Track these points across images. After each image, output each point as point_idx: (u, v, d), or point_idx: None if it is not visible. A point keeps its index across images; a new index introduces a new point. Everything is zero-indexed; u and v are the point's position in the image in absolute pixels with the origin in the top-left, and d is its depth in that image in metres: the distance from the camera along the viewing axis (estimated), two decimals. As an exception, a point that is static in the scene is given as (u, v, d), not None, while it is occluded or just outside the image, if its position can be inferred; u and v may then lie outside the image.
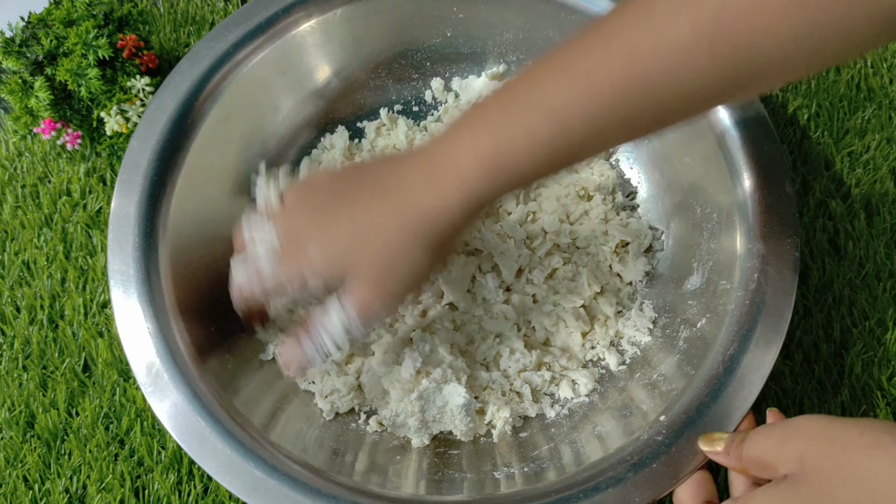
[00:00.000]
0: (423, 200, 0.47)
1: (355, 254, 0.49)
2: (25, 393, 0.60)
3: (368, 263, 0.49)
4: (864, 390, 0.60)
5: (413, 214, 0.48)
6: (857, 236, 0.65)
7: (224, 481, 0.49)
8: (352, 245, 0.49)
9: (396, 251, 0.48)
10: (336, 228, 0.49)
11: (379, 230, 0.48)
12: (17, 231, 0.66)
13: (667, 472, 0.49)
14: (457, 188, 0.46)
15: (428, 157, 0.48)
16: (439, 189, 0.47)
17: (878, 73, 0.71)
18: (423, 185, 0.47)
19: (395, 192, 0.48)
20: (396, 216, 0.48)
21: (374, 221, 0.48)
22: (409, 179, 0.48)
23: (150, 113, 0.59)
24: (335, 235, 0.49)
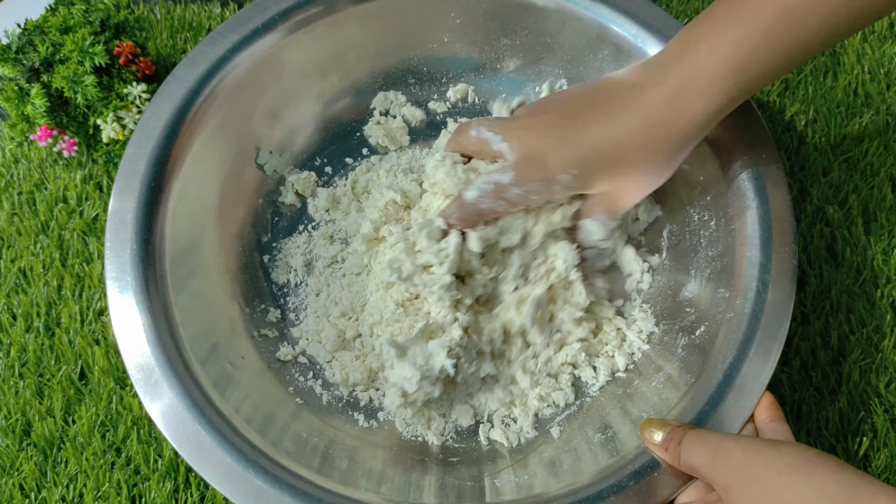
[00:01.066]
0: (666, 116, 0.49)
1: (601, 175, 0.53)
2: (22, 401, 0.60)
3: (611, 178, 0.53)
4: (862, 397, 0.60)
5: (655, 132, 0.50)
6: (854, 243, 0.65)
7: (225, 491, 0.48)
8: (594, 161, 0.52)
9: (633, 167, 0.52)
10: (576, 146, 0.52)
11: (624, 151, 0.51)
12: (14, 238, 0.66)
13: (667, 480, 0.49)
14: (698, 99, 0.49)
15: (664, 71, 0.50)
16: (681, 103, 0.49)
17: (875, 78, 0.71)
18: (663, 100, 0.49)
19: (635, 111, 0.51)
20: (637, 134, 0.50)
21: (616, 138, 0.51)
22: (647, 96, 0.50)
23: (145, 119, 0.59)
24: (576, 151, 0.52)
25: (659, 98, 0.50)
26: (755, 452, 0.44)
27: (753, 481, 0.43)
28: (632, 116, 0.51)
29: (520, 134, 0.55)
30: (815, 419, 0.59)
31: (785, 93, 0.71)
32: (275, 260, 0.65)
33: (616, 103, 0.52)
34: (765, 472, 0.43)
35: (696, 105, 0.49)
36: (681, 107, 0.49)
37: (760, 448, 0.44)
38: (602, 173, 0.53)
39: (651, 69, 0.52)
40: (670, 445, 0.48)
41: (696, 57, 0.48)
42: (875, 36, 0.73)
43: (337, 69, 0.67)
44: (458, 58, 0.69)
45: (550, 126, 0.54)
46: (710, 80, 0.48)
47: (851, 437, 0.59)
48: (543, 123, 0.54)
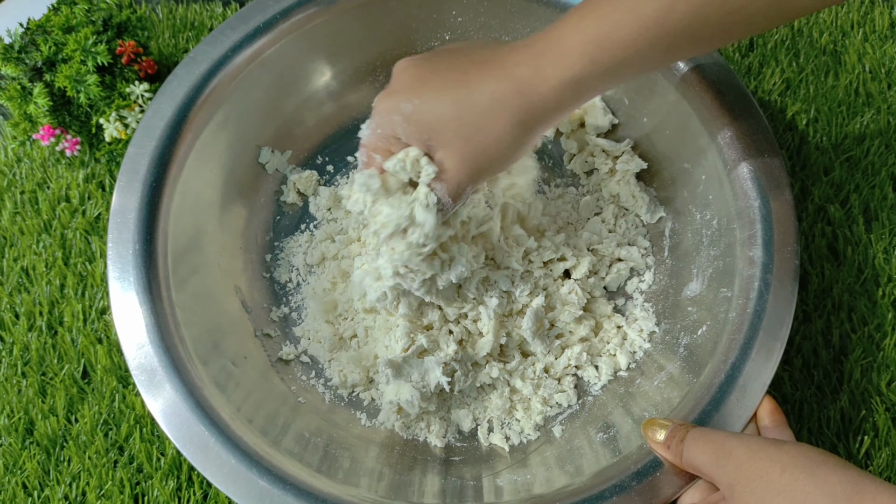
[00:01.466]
0: (520, 73, 0.48)
1: (443, 117, 0.50)
2: (24, 399, 0.60)
3: (455, 129, 0.50)
4: (864, 395, 0.60)
5: (508, 86, 0.48)
6: (855, 242, 0.65)
7: (228, 491, 0.48)
8: (442, 108, 0.50)
9: (486, 120, 0.49)
10: (430, 90, 0.50)
11: (470, 97, 0.49)
12: (16, 237, 0.66)
13: (670, 479, 0.49)
14: (555, 63, 0.48)
15: (533, 38, 0.50)
16: (538, 63, 0.48)
17: (876, 78, 0.71)
18: (524, 60, 0.49)
19: (494, 65, 0.49)
20: (490, 86, 0.49)
21: (468, 89, 0.49)
22: (511, 56, 0.49)
23: (147, 119, 0.59)
24: (427, 95, 0.50)
25: (521, 58, 0.49)
26: (758, 451, 0.44)
27: (757, 480, 0.43)
28: (493, 76, 0.49)
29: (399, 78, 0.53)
30: (816, 418, 0.59)
31: (786, 92, 0.71)
32: (277, 259, 0.65)
33: (479, 62, 0.50)
34: (768, 470, 0.43)
35: (551, 70, 0.48)
36: (537, 68, 0.48)
37: (763, 446, 0.44)
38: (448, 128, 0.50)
39: (526, 43, 0.50)
40: (673, 444, 0.49)
41: (563, 28, 0.48)
42: (876, 35, 0.73)
43: (338, 67, 0.67)
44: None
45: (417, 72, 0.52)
46: (569, 48, 0.47)
47: (853, 435, 0.59)
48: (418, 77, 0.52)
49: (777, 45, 0.73)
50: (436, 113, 0.50)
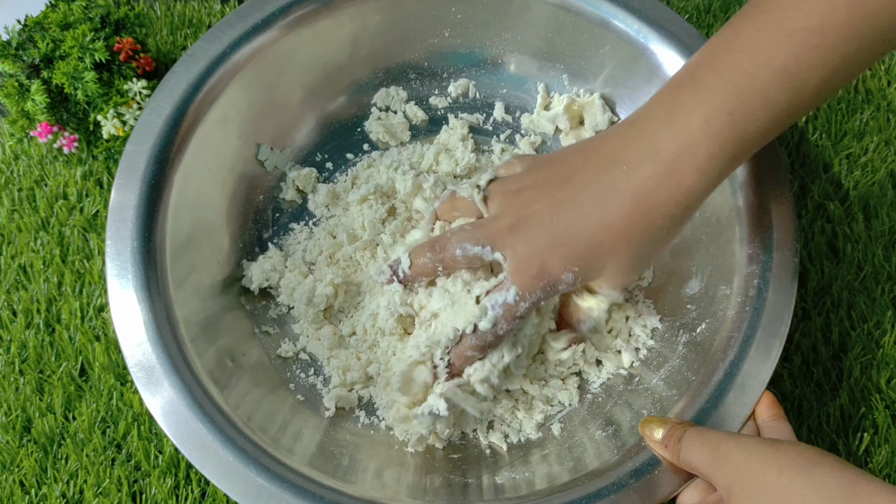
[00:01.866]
0: (661, 196, 0.47)
1: (603, 262, 0.50)
2: (22, 397, 0.60)
3: (619, 270, 0.51)
4: (863, 393, 0.60)
5: (653, 213, 0.48)
6: (855, 239, 0.65)
7: (226, 489, 0.48)
8: (594, 254, 0.50)
9: (644, 249, 0.50)
10: (572, 243, 0.50)
11: (624, 234, 0.49)
12: (14, 234, 0.66)
13: (668, 478, 0.49)
14: (697, 176, 0.46)
15: (653, 144, 0.47)
16: (678, 181, 0.47)
17: (875, 75, 0.71)
18: (658, 181, 0.47)
19: (628, 193, 0.48)
20: (635, 217, 0.48)
21: (613, 226, 0.49)
22: (639, 176, 0.48)
23: (145, 116, 0.58)
24: (574, 249, 0.50)
25: (653, 177, 0.47)
26: (754, 452, 0.44)
27: (754, 481, 0.43)
28: (625, 200, 0.48)
29: (508, 241, 0.52)
30: (816, 415, 0.59)
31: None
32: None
33: (605, 185, 0.49)
34: (765, 471, 0.43)
35: (692, 179, 0.47)
36: (676, 183, 0.47)
37: (760, 447, 0.44)
38: (604, 262, 0.50)
39: (637, 139, 0.48)
40: (670, 443, 0.48)
41: (687, 129, 0.46)
42: (876, 32, 0.73)
43: (337, 64, 0.67)
44: (458, 53, 0.69)
45: (539, 224, 0.51)
46: (706, 155, 0.46)
47: (852, 433, 0.59)
48: (531, 221, 0.51)
49: (776, 42, 0.73)
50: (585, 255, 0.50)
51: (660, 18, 0.63)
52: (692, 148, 0.46)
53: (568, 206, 0.50)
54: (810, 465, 0.42)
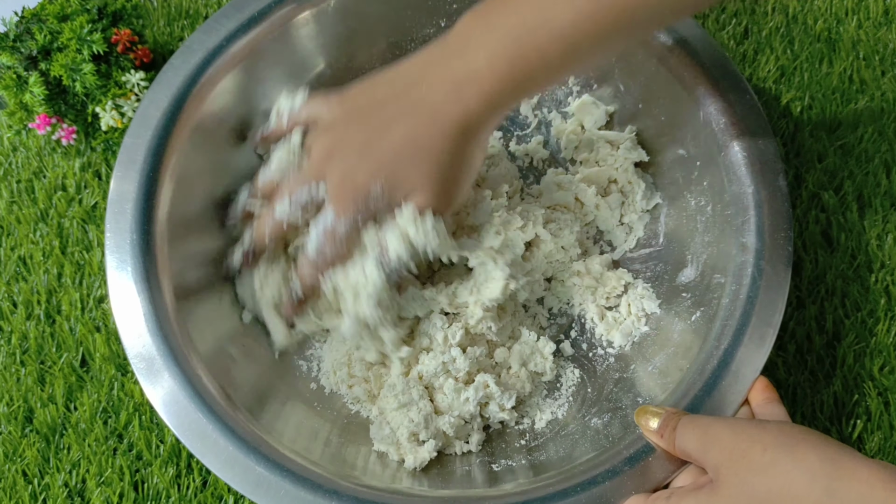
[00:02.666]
0: (451, 113, 0.52)
1: (408, 171, 0.54)
2: (23, 388, 0.60)
3: (424, 176, 0.54)
4: (856, 380, 0.60)
5: (447, 126, 0.52)
6: (849, 228, 0.65)
7: (226, 478, 0.49)
8: (401, 164, 0.54)
9: (444, 158, 0.53)
10: (378, 154, 0.54)
11: (423, 144, 0.53)
12: (13, 226, 0.66)
13: (661, 464, 0.50)
14: (478, 98, 0.51)
15: (448, 66, 0.52)
16: (462, 101, 0.51)
17: (870, 65, 0.72)
18: (448, 98, 0.52)
19: (423, 107, 0.53)
20: (433, 130, 0.52)
21: (415, 137, 0.53)
22: (433, 96, 0.52)
23: (143, 109, 0.58)
24: (379, 159, 0.54)
25: (446, 97, 0.52)
26: (741, 432, 0.45)
27: (740, 459, 0.44)
28: (423, 116, 0.53)
29: (326, 168, 0.56)
30: (810, 402, 0.60)
31: (781, 79, 0.71)
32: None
33: (407, 103, 0.53)
34: (750, 450, 0.43)
35: (476, 105, 0.51)
36: (464, 105, 0.51)
37: (746, 427, 0.45)
38: (408, 172, 0.54)
39: (435, 65, 0.53)
40: (666, 432, 0.49)
41: (474, 64, 0.51)
42: (870, 22, 0.73)
43: (333, 55, 0.67)
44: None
45: (350, 146, 0.55)
46: (487, 88, 0.51)
47: (846, 419, 0.59)
48: (344, 146, 0.55)
49: (772, 33, 0.73)
50: (395, 169, 0.54)
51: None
52: (476, 79, 0.51)
53: (376, 127, 0.54)
54: (794, 441, 0.43)
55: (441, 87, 0.52)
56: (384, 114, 0.54)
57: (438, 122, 0.52)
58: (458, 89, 0.51)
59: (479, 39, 0.51)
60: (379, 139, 0.54)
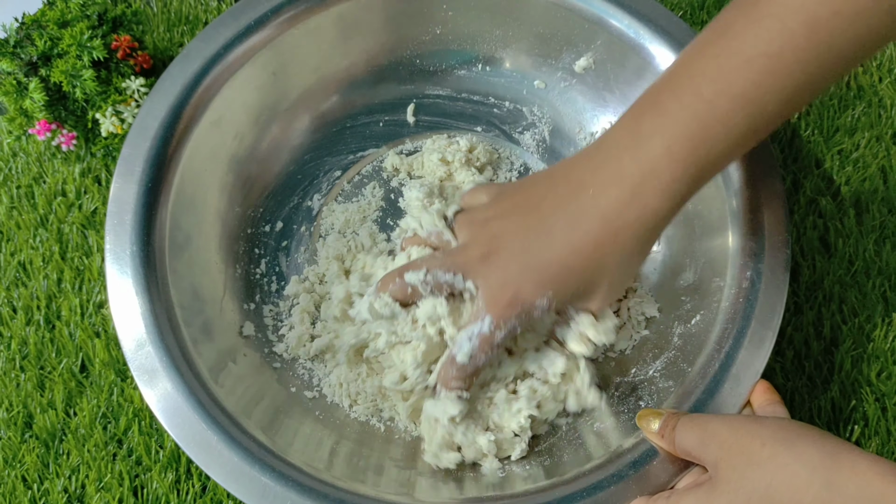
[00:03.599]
0: (628, 218, 0.48)
1: (578, 286, 0.51)
2: (23, 393, 0.60)
3: (596, 288, 0.52)
4: (854, 386, 0.61)
5: (621, 235, 0.49)
6: (846, 234, 0.65)
7: (232, 488, 0.49)
8: (566, 277, 0.51)
9: (616, 267, 0.51)
10: (543, 269, 0.51)
11: (593, 255, 0.50)
12: (13, 232, 0.66)
13: (665, 468, 0.50)
14: (660, 199, 0.48)
15: (618, 170, 0.49)
16: (643, 204, 0.48)
17: (867, 71, 0.72)
18: (624, 204, 0.48)
19: (595, 217, 0.49)
20: (603, 240, 0.49)
21: (582, 250, 0.50)
22: (605, 200, 0.49)
23: (141, 118, 0.59)
24: (545, 274, 0.51)
25: (618, 202, 0.48)
26: (739, 428, 0.45)
27: (739, 455, 0.44)
28: (594, 223, 0.49)
29: (480, 270, 0.52)
30: (807, 408, 0.60)
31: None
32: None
33: (573, 209, 0.50)
34: (749, 445, 0.44)
35: (656, 202, 0.48)
36: (642, 206, 0.48)
37: (744, 423, 0.46)
38: (577, 285, 0.51)
39: (603, 165, 0.50)
40: (666, 432, 0.49)
41: (650, 154, 0.47)
42: (867, 28, 0.74)
43: (330, 63, 0.68)
44: (450, 50, 0.70)
45: (510, 252, 0.51)
46: (668, 178, 0.47)
47: (843, 425, 0.60)
48: (501, 250, 0.52)
49: (769, 39, 0.73)
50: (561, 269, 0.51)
51: (651, 14, 0.63)
52: (655, 172, 0.47)
53: (538, 233, 0.51)
54: (793, 436, 0.43)
55: (613, 188, 0.48)
56: (549, 220, 0.51)
57: (612, 229, 0.49)
58: (634, 188, 0.48)
59: (651, 126, 0.47)
60: (541, 248, 0.50)
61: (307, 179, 0.67)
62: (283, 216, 0.66)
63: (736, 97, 0.45)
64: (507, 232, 0.52)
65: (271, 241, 0.65)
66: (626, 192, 0.48)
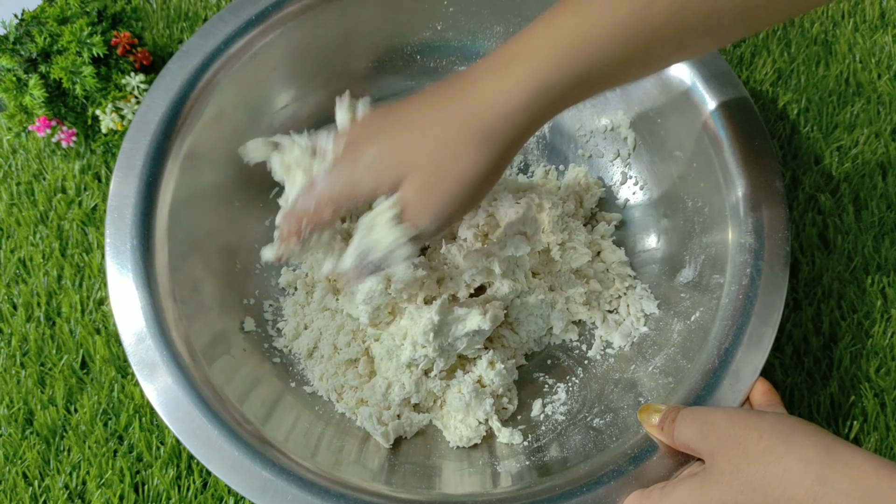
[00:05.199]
0: (486, 91, 0.44)
1: (410, 156, 0.45)
2: (24, 390, 0.60)
3: (422, 166, 0.45)
4: (853, 382, 0.61)
5: (474, 108, 0.44)
6: (845, 230, 0.65)
7: (233, 483, 0.49)
8: (409, 147, 0.45)
9: (450, 150, 0.45)
10: (397, 132, 0.46)
11: (436, 128, 0.45)
12: (13, 228, 0.66)
13: (665, 462, 0.50)
14: (524, 74, 0.43)
15: (498, 51, 0.45)
16: (505, 77, 0.44)
17: (866, 68, 0.72)
18: (489, 76, 0.45)
19: (459, 89, 0.45)
20: (456, 111, 0.45)
21: (434, 121, 0.45)
22: (475, 74, 0.45)
23: (141, 114, 0.59)
24: (395, 139, 0.46)
25: (485, 73, 0.45)
26: (738, 420, 0.46)
27: (734, 448, 0.44)
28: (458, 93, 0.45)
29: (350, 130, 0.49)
30: (807, 404, 0.60)
31: (777, 82, 0.72)
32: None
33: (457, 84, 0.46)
34: (746, 438, 0.44)
35: (515, 80, 0.44)
36: (502, 79, 0.44)
37: (743, 416, 0.46)
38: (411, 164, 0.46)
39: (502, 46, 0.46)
40: (665, 425, 0.50)
41: (532, 31, 0.45)
42: (866, 25, 0.74)
43: (331, 58, 0.67)
44: (451, 46, 0.70)
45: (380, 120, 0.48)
46: (538, 54, 0.44)
47: (842, 420, 0.60)
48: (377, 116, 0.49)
49: (768, 36, 0.73)
50: (402, 149, 0.46)
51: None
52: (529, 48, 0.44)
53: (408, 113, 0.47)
54: (789, 430, 0.44)
55: (484, 65, 0.45)
56: (424, 99, 0.47)
57: (467, 103, 0.45)
58: (504, 74, 0.44)
59: (538, 27, 0.45)
60: (408, 117, 0.47)
61: (307, 175, 0.67)
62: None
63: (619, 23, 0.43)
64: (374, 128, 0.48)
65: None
66: (495, 74, 0.45)
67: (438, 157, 0.45)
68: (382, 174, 0.46)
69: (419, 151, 0.45)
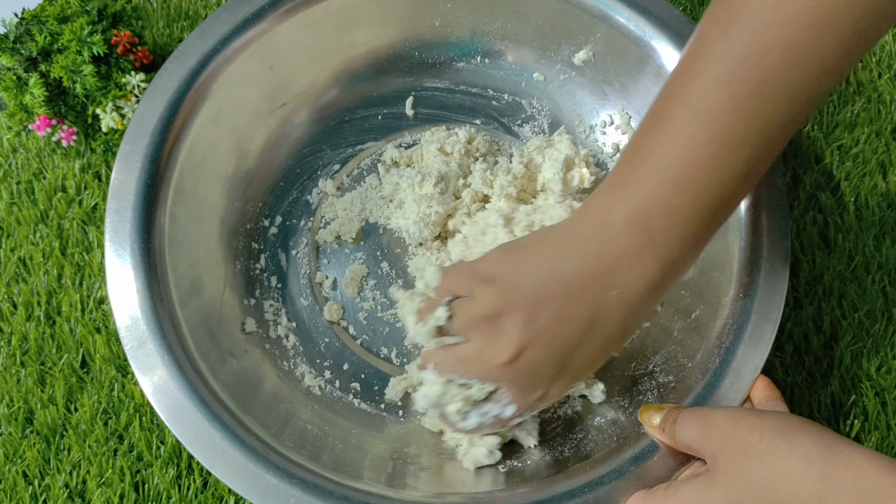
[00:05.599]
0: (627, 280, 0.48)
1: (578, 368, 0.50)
2: (24, 389, 0.60)
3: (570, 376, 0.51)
4: (854, 380, 0.61)
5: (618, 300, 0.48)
6: (846, 229, 0.65)
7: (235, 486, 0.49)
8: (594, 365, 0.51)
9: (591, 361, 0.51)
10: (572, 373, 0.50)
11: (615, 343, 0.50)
12: (13, 227, 0.66)
13: (666, 462, 0.50)
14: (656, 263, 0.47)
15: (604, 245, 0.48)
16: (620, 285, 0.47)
17: (866, 67, 0.72)
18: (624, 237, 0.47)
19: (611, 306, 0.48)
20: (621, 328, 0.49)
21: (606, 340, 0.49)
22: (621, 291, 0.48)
23: (139, 114, 0.58)
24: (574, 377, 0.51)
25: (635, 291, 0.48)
26: (739, 420, 0.46)
27: (737, 447, 0.44)
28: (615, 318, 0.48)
29: (506, 374, 0.49)
30: (807, 403, 0.60)
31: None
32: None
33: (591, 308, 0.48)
34: (747, 438, 0.44)
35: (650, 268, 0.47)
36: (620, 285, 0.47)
37: (744, 416, 0.46)
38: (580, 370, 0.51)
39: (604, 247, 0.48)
40: (667, 425, 0.50)
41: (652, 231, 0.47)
42: (867, 24, 0.74)
43: (328, 56, 0.67)
44: (449, 42, 0.70)
45: (537, 360, 0.49)
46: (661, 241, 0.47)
47: (843, 419, 0.60)
48: (527, 357, 0.48)
49: (769, 34, 0.73)
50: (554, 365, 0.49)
51: (652, 7, 0.63)
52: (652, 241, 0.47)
53: (560, 335, 0.48)
54: (791, 430, 0.44)
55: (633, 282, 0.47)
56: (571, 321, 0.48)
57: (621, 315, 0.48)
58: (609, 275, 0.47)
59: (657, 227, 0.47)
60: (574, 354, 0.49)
61: (306, 173, 0.67)
62: (283, 210, 0.66)
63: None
64: (525, 335, 0.48)
65: (270, 236, 0.65)
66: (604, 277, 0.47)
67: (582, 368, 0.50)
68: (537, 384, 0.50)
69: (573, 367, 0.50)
